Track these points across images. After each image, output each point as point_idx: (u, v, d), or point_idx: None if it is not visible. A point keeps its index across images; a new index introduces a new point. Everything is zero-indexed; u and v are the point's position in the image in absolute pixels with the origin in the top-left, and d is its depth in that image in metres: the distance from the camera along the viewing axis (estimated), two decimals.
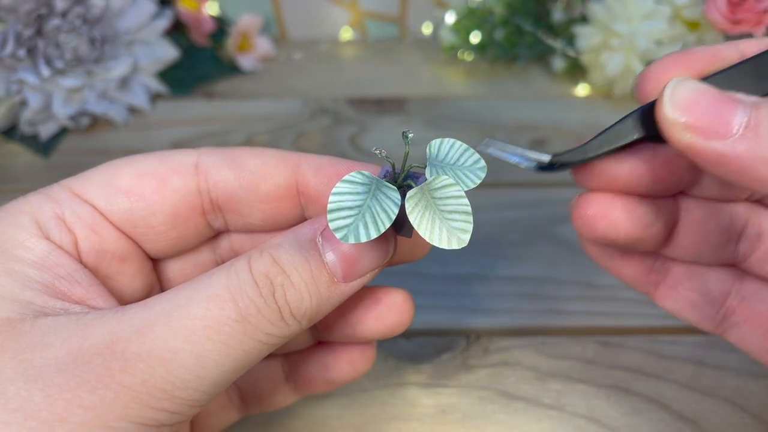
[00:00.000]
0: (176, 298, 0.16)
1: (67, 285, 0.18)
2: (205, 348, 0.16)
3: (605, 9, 0.48)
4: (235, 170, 0.20)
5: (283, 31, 0.59)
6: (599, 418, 0.28)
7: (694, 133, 0.16)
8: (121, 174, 0.20)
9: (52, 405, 0.15)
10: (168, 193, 0.20)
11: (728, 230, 0.22)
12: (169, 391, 0.15)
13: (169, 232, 0.20)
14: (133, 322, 0.16)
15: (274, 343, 0.17)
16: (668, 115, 0.17)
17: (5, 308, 0.16)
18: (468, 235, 0.17)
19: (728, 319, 0.23)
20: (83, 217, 0.19)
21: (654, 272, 0.24)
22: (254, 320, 0.16)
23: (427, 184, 0.17)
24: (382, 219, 0.16)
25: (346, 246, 0.18)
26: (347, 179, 0.17)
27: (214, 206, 0.21)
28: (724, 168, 0.16)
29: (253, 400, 0.24)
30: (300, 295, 0.17)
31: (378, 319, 0.22)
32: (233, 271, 0.17)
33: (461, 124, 0.48)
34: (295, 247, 0.17)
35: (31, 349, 0.15)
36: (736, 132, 0.16)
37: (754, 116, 0.16)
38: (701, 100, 0.16)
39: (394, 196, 0.17)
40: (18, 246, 0.17)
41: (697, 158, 0.17)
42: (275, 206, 0.20)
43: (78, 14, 0.45)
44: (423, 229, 0.16)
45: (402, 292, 0.22)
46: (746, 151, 0.16)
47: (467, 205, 0.17)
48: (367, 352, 0.24)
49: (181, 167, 0.20)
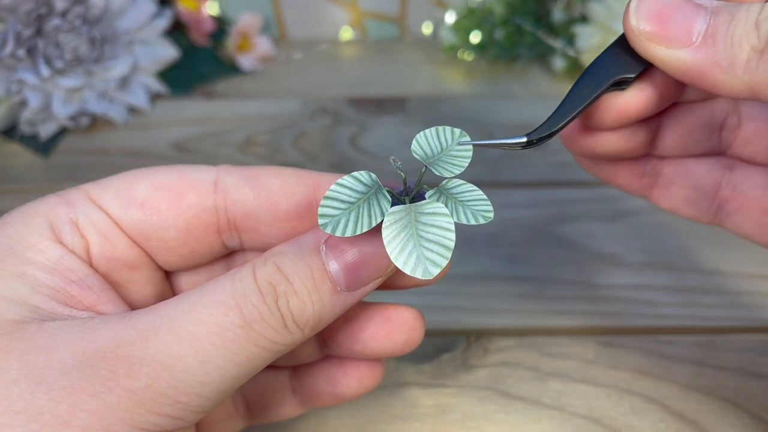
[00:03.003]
0: (181, 304, 0.16)
1: (78, 290, 0.18)
2: (208, 353, 0.16)
3: (605, 9, 0.48)
4: (255, 189, 0.20)
5: (283, 31, 0.59)
6: (599, 418, 0.28)
7: (658, 42, 0.17)
8: (138, 185, 0.20)
9: (56, 408, 0.15)
10: (183, 208, 0.20)
11: (710, 124, 0.23)
12: (172, 396, 0.15)
13: (180, 247, 0.20)
14: (138, 326, 0.16)
15: (277, 350, 0.17)
16: (633, 24, 0.17)
17: (13, 311, 0.16)
18: (438, 269, 0.16)
19: (723, 209, 0.24)
20: (97, 223, 0.19)
21: (646, 176, 0.24)
22: (258, 327, 0.16)
23: (417, 205, 0.17)
24: (363, 223, 0.16)
25: (350, 255, 0.17)
26: (354, 175, 0.17)
27: (231, 225, 0.21)
28: (688, 74, 0.17)
29: (259, 411, 0.24)
30: (303, 303, 0.17)
31: (388, 337, 0.22)
32: (238, 279, 0.17)
33: (461, 124, 0.48)
34: (299, 255, 0.17)
35: (37, 351, 0.15)
36: (695, 40, 0.17)
37: (712, 24, 0.17)
38: (664, 9, 0.17)
39: (386, 206, 0.17)
40: (31, 248, 0.18)
41: (663, 67, 0.17)
42: (294, 225, 0.20)
43: (78, 14, 0.45)
44: (391, 248, 0.16)
45: (413, 311, 0.22)
46: (704, 58, 0.16)
47: (451, 241, 0.16)
48: (376, 368, 0.24)
49: (199, 184, 0.20)
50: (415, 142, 0.18)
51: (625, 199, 0.40)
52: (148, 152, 0.45)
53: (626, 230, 0.38)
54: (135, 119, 0.48)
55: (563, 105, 0.19)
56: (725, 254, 0.36)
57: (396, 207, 0.17)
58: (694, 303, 0.33)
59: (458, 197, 0.17)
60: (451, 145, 0.19)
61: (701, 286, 0.34)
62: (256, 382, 0.24)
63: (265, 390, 0.24)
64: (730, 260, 0.36)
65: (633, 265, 0.35)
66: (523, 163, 0.44)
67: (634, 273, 0.35)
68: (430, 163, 0.18)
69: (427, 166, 0.18)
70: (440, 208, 0.17)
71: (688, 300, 0.33)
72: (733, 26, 0.16)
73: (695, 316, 0.33)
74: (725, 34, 0.16)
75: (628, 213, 0.39)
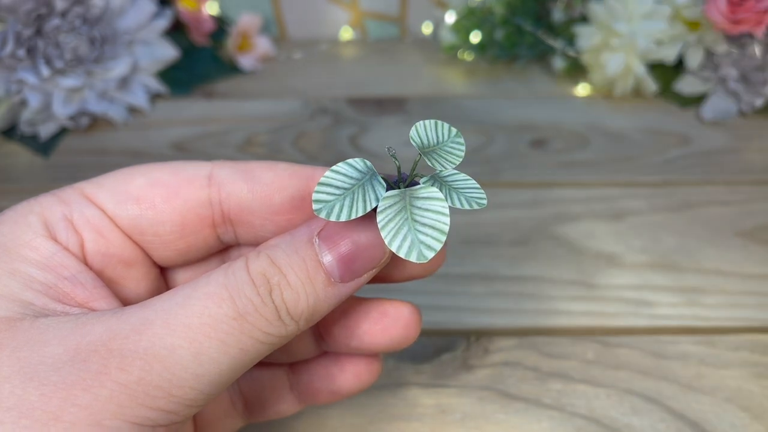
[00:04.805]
0: (175, 297, 0.16)
1: (70, 286, 0.18)
2: (202, 345, 0.16)
3: (605, 9, 0.48)
4: (249, 182, 0.20)
5: (283, 31, 0.59)
6: (599, 418, 0.28)
7: None
8: (133, 181, 0.20)
9: (47, 403, 0.15)
10: (178, 203, 0.20)
11: None
12: (165, 389, 0.15)
13: (176, 241, 0.20)
14: (131, 320, 0.16)
15: (272, 343, 0.17)
16: None
17: (5, 307, 0.16)
18: (432, 253, 0.16)
19: None
20: (91, 219, 0.19)
21: None
22: (252, 318, 0.16)
23: (412, 189, 0.17)
24: (358, 207, 0.16)
25: (343, 246, 0.17)
26: (349, 162, 0.17)
27: (225, 219, 0.21)
28: None
29: (256, 408, 0.24)
30: (296, 294, 0.17)
31: (384, 332, 0.22)
32: (231, 271, 0.17)
33: (461, 124, 0.48)
34: (292, 248, 0.18)
35: (29, 347, 0.15)
36: None
37: None
38: None
39: (380, 192, 0.17)
40: (24, 245, 0.18)
41: None
42: (288, 218, 0.20)
43: (78, 14, 0.45)
44: (385, 232, 0.16)
45: (409, 306, 0.22)
46: None
47: (446, 225, 0.16)
48: (373, 364, 0.24)
49: (193, 178, 0.20)
50: (414, 129, 0.19)
51: (625, 199, 0.40)
52: (147, 152, 0.45)
53: (626, 230, 0.38)
54: (135, 119, 0.48)
55: None
56: (725, 254, 0.36)
57: (390, 192, 0.17)
58: (694, 303, 0.33)
59: (452, 185, 0.18)
60: (447, 141, 0.19)
61: (701, 286, 0.34)
62: (253, 380, 0.24)
63: (262, 387, 0.24)
64: (730, 260, 0.36)
65: (633, 265, 0.35)
66: (523, 163, 0.44)
67: (634, 273, 0.35)
68: (425, 152, 0.18)
69: (422, 154, 0.18)
70: (435, 192, 0.17)
71: (688, 300, 0.33)
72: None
73: (695, 316, 0.33)
74: None
75: (628, 213, 0.39)
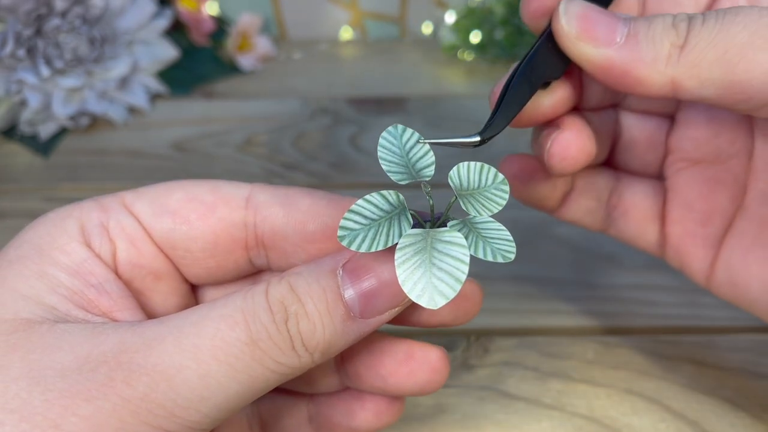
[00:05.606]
0: (191, 316, 0.16)
1: (96, 294, 0.18)
2: (210, 367, 0.15)
3: None
4: (285, 207, 0.20)
5: (283, 31, 0.59)
6: (599, 418, 0.28)
7: (586, 41, 0.19)
8: (172, 194, 0.20)
9: (49, 410, 0.14)
10: (212, 221, 0.20)
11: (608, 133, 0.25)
12: (169, 408, 0.15)
13: (207, 259, 0.20)
14: (145, 334, 0.16)
15: (283, 372, 0.17)
16: (563, 25, 0.19)
17: (27, 309, 0.16)
18: (444, 300, 0.16)
19: (610, 215, 0.26)
20: (126, 228, 0.19)
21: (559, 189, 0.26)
22: (264, 345, 0.16)
23: (436, 231, 0.16)
24: (380, 241, 0.16)
25: (367, 281, 0.17)
26: (383, 193, 0.17)
27: (259, 242, 0.20)
28: (611, 72, 0.19)
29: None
30: (313, 325, 0.17)
31: (410, 375, 0.21)
32: (250, 295, 0.17)
33: (461, 123, 0.48)
34: (314, 276, 0.17)
35: (41, 351, 0.15)
36: (619, 40, 0.19)
37: (633, 26, 0.19)
38: (590, 13, 0.19)
39: (405, 228, 0.16)
40: (57, 248, 0.18)
41: (589, 66, 0.19)
42: (320, 247, 0.20)
43: (78, 14, 0.45)
44: (401, 270, 0.16)
45: (438, 350, 0.21)
46: (629, 55, 0.19)
47: (463, 273, 0.16)
48: (395, 405, 0.23)
49: (231, 198, 0.20)
50: (456, 170, 0.18)
51: None
52: (147, 152, 0.45)
53: None
54: (135, 119, 0.48)
55: (506, 105, 0.21)
56: None
57: (414, 230, 0.16)
58: (694, 303, 0.33)
59: (482, 232, 0.17)
60: (489, 186, 0.18)
61: None
62: (274, 406, 0.23)
63: (281, 415, 0.23)
64: None
65: (633, 265, 0.35)
66: None
67: (634, 273, 0.35)
68: (461, 195, 0.18)
69: (457, 196, 0.18)
70: (458, 238, 0.16)
71: (688, 300, 0.33)
72: (653, 28, 0.19)
73: (695, 316, 0.32)
74: (647, 33, 0.19)
75: None
